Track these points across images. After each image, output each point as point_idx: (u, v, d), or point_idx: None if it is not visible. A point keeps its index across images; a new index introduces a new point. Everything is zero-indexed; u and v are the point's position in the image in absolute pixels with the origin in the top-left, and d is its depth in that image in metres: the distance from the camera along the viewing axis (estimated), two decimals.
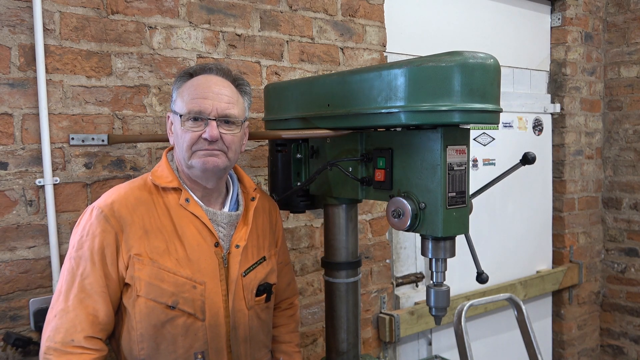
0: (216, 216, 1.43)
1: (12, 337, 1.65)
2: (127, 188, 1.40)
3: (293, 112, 1.65)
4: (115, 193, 1.38)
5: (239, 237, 1.45)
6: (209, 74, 1.41)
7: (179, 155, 1.40)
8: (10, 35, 1.67)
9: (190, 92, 1.37)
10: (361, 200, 1.60)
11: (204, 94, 1.35)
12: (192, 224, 1.38)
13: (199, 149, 1.35)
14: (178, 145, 1.39)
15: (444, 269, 1.39)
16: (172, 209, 1.38)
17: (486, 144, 3.09)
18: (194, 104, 1.35)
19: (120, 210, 1.34)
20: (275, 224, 1.64)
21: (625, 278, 3.64)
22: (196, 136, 1.34)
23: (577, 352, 3.64)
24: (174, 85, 1.43)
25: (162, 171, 1.42)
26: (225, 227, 1.44)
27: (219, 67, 1.43)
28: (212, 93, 1.36)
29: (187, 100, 1.36)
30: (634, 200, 3.59)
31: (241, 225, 1.47)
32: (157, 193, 1.39)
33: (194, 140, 1.34)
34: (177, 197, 1.39)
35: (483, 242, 3.08)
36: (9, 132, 1.68)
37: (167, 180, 1.39)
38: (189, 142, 1.35)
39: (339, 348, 1.68)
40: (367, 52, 2.51)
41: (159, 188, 1.40)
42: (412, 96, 1.26)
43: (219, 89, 1.38)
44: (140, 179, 1.44)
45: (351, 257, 1.66)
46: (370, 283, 2.57)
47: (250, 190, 1.54)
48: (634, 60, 3.54)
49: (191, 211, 1.38)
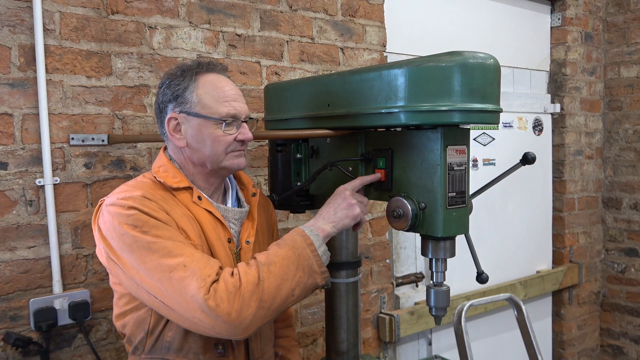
0: (227, 212, 1.43)
1: (12, 337, 1.65)
2: (141, 185, 1.35)
3: (293, 112, 1.65)
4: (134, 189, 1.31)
5: (247, 233, 1.45)
6: (217, 73, 1.40)
7: (203, 158, 1.37)
8: (10, 35, 1.67)
9: (215, 95, 1.35)
10: None
11: (233, 97, 1.37)
12: (207, 220, 1.37)
13: (233, 150, 1.38)
14: (202, 148, 1.35)
15: (444, 269, 1.39)
16: (189, 207, 1.36)
17: (486, 144, 3.09)
18: (229, 107, 1.35)
19: (155, 199, 1.29)
20: (272, 219, 1.66)
21: (625, 278, 3.64)
22: (232, 139, 1.36)
23: (577, 352, 3.64)
24: (180, 85, 1.36)
25: (167, 171, 1.38)
26: (236, 224, 1.44)
27: (220, 65, 1.43)
28: (235, 94, 1.38)
29: (217, 103, 1.34)
30: (634, 200, 3.59)
31: (248, 221, 1.48)
32: (169, 192, 1.36)
33: (230, 143, 1.36)
34: (188, 195, 1.37)
35: (483, 242, 3.08)
36: (9, 132, 1.68)
37: (176, 180, 1.37)
38: (225, 145, 1.36)
39: (339, 348, 1.68)
40: (367, 52, 2.51)
41: (169, 188, 1.36)
42: (412, 96, 1.26)
43: (235, 89, 1.40)
44: (144, 178, 1.39)
45: (351, 257, 1.65)
46: (370, 283, 2.57)
47: (250, 187, 1.54)
48: (634, 60, 3.54)
49: (205, 208, 1.37)
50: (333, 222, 1.37)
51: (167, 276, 1.18)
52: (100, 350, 1.84)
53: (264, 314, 1.20)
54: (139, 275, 1.21)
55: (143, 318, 1.32)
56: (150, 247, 1.20)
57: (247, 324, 1.17)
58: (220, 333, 1.18)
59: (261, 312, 1.19)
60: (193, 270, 1.17)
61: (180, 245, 1.22)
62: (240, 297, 1.16)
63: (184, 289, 1.16)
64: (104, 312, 1.85)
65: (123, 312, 1.36)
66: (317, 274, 1.29)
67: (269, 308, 1.20)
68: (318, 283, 1.30)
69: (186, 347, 1.32)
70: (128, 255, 1.22)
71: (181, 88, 1.36)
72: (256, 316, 1.18)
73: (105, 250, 1.27)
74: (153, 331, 1.32)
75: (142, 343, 1.34)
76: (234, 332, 1.17)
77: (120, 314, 1.37)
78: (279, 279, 1.22)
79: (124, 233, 1.22)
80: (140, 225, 1.22)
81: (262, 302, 1.19)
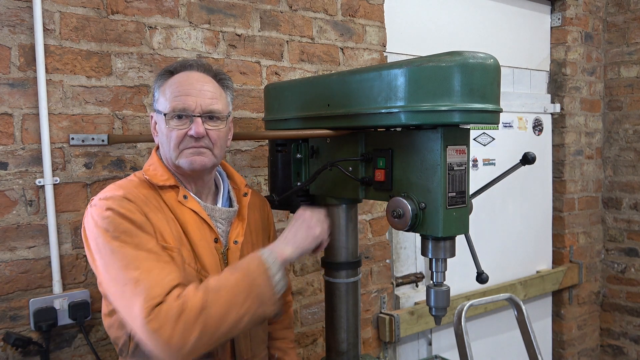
0: (214, 212, 1.42)
1: (12, 337, 1.65)
2: (127, 184, 1.36)
3: (293, 112, 1.65)
4: (118, 188, 1.32)
5: (236, 233, 1.44)
6: (190, 71, 1.40)
7: (166, 154, 1.38)
8: (10, 35, 1.67)
9: (172, 90, 1.35)
10: (361, 200, 1.60)
11: (187, 91, 1.34)
12: (192, 220, 1.37)
13: (186, 147, 1.34)
14: (164, 144, 1.37)
15: (444, 269, 1.39)
16: (172, 206, 1.36)
17: (486, 144, 3.09)
18: (177, 101, 1.33)
19: (136, 200, 1.30)
20: (268, 220, 1.64)
21: (625, 278, 3.64)
22: (182, 134, 1.33)
23: (577, 352, 3.64)
24: (155, 84, 1.41)
25: (156, 169, 1.39)
26: (224, 223, 1.44)
27: (200, 63, 1.42)
28: (194, 90, 1.35)
29: (170, 98, 1.34)
30: (634, 200, 3.59)
31: (237, 221, 1.47)
32: (155, 190, 1.37)
33: (180, 139, 1.34)
34: (174, 194, 1.38)
35: (483, 242, 3.08)
36: (9, 132, 1.68)
37: (163, 179, 1.37)
38: (175, 141, 1.34)
39: (339, 348, 1.68)
40: (367, 52, 2.51)
41: (155, 186, 1.37)
42: (412, 96, 1.26)
43: (201, 85, 1.37)
44: (133, 177, 1.40)
45: (351, 257, 1.65)
46: (370, 283, 2.57)
47: (242, 187, 1.54)
48: (634, 60, 3.54)
49: (190, 207, 1.37)
50: (294, 245, 1.35)
51: (121, 289, 1.18)
52: (100, 350, 1.84)
53: (207, 341, 1.17)
54: (104, 281, 1.24)
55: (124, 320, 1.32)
56: (113, 255, 1.20)
57: (188, 350, 1.14)
58: (160, 355, 1.15)
59: (204, 338, 1.16)
60: (142, 288, 1.15)
61: (142, 256, 1.20)
62: (182, 323, 1.13)
63: (130, 306, 1.16)
64: None
65: (109, 313, 1.36)
66: (267, 305, 1.25)
67: (212, 334, 1.17)
68: (267, 314, 1.26)
69: None
70: (98, 258, 1.24)
71: (155, 87, 1.41)
72: (199, 342, 1.15)
73: (87, 249, 1.30)
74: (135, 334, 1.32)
75: (126, 345, 1.34)
76: (174, 357, 1.15)
77: (106, 315, 1.37)
78: (226, 307, 1.18)
79: (98, 235, 1.23)
80: (111, 229, 1.22)
81: (206, 327, 1.15)
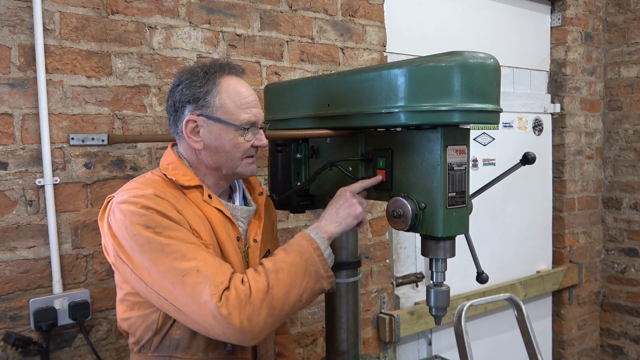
0: (236, 211, 1.43)
1: (12, 337, 1.65)
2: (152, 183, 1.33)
3: (293, 112, 1.65)
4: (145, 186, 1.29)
5: (255, 232, 1.46)
6: (238, 77, 1.40)
7: (220, 162, 1.37)
8: (10, 35, 1.67)
9: (237, 100, 1.34)
10: None
11: (253, 103, 1.37)
12: (217, 219, 1.36)
13: (247, 155, 1.39)
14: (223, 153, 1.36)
15: (444, 269, 1.39)
16: (199, 205, 1.36)
17: (486, 144, 3.09)
18: (249, 114, 1.35)
19: (167, 198, 1.28)
20: (272, 217, 1.67)
21: (625, 278, 3.64)
22: (249, 145, 1.37)
23: (577, 352, 3.64)
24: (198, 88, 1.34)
25: (177, 168, 1.37)
26: (244, 222, 1.45)
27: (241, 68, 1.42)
28: (255, 100, 1.38)
29: (238, 110, 1.34)
30: (634, 200, 3.59)
31: (255, 220, 1.49)
32: (179, 190, 1.35)
33: (247, 149, 1.38)
34: (199, 194, 1.37)
35: (483, 242, 3.08)
36: (9, 132, 1.68)
37: (187, 178, 1.36)
38: (243, 152, 1.37)
39: (339, 348, 1.68)
40: (367, 52, 2.51)
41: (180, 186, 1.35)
42: (412, 96, 1.26)
43: (254, 94, 1.40)
44: (153, 176, 1.37)
45: (351, 257, 1.65)
46: (370, 283, 2.57)
47: (257, 186, 1.56)
48: (634, 60, 3.54)
49: (215, 206, 1.37)
50: (336, 222, 1.38)
51: (180, 280, 1.18)
52: (101, 350, 1.84)
53: (273, 321, 1.21)
54: (150, 277, 1.21)
55: (150, 317, 1.31)
56: (164, 249, 1.20)
57: (257, 332, 1.19)
58: (230, 339, 1.19)
59: (270, 319, 1.20)
60: (206, 276, 1.17)
61: (193, 248, 1.22)
62: (251, 306, 1.17)
63: (196, 294, 1.16)
64: (104, 312, 1.85)
65: (129, 310, 1.35)
66: (324, 279, 1.31)
67: (278, 315, 1.22)
68: (325, 288, 1.32)
69: (194, 345, 1.32)
70: (139, 256, 1.21)
71: (203, 91, 1.34)
72: (266, 323, 1.20)
73: (115, 249, 1.26)
74: (161, 329, 1.32)
75: (149, 341, 1.33)
76: (244, 339, 1.19)
77: (125, 312, 1.36)
78: (287, 286, 1.23)
79: (136, 233, 1.21)
80: (153, 225, 1.21)
81: (272, 309, 1.20)
